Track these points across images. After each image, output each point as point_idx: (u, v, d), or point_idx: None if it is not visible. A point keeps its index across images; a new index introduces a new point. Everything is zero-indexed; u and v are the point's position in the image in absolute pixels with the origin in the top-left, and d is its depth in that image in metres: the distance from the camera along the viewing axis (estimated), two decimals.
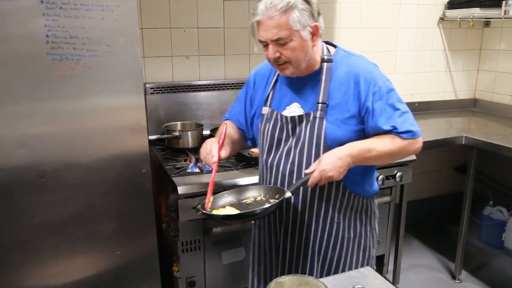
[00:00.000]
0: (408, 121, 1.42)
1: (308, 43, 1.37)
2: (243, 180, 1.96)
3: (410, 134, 1.41)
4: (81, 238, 1.71)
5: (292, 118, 1.47)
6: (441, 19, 3.18)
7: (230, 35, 2.60)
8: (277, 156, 1.51)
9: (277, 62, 1.40)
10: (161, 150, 2.35)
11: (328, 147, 1.41)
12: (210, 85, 2.57)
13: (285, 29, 1.32)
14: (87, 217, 1.70)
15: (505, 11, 2.75)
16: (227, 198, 1.50)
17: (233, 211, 1.42)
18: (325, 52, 1.46)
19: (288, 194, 1.38)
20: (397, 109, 1.42)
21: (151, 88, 2.44)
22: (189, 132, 2.32)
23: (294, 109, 1.48)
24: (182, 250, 1.97)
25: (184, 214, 1.88)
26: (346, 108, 1.42)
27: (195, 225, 1.96)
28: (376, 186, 1.62)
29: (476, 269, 3.01)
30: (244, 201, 1.50)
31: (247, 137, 1.71)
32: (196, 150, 2.31)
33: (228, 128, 1.61)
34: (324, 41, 1.50)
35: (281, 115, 1.49)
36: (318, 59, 1.45)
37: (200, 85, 2.55)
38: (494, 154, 2.51)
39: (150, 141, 2.41)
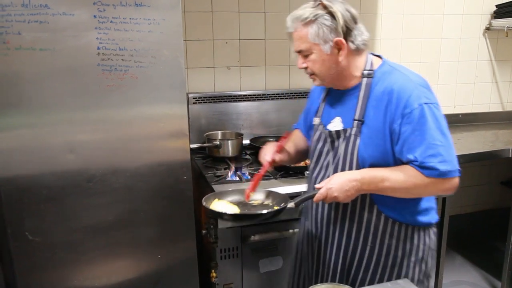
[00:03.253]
0: (438, 157, 1.27)
1: (330, 58, 1.36)
2: (281, 190, 1.97)
3: (434, 172, 1.28)
4: (124, 241, 1.78)
5: (331, 133, 1.46)
6: (487, 28, 3.09)
7: (271, 46, 2.64)
8: (317, 169, 1.52)
9: (306, 73, 1.44)
10: (202, 158, 2.40)
11: (359, 165, 1.39)
12: (250, 95, 2.62)
13: (305, 41, 1.36)
14: (130, 221, 1.77)
15: None
16: (235, 195, 1.57)
17: (232, 209, 1.47)
18: (368, 66, 1.41)
19: (291, 204, 1.41)
20: (427, 140, 1.28)
21: (193, 98, 2.51)
22: (229, 141, 2.37)
23: (336, 124, 1.46)
24: (221, 257, 2.01)
25: (223, 221, 1.91)
26: (378, 126, 1.36)
27: (234, 233, 1.99)
28: (427, 217, 1.47)
29: None
30: (251, 202, 1.54)
31: None
32: (236, 159, 2.36)
33: (295, 136, 1.69)
34: (374, 54, 1.46)
35: (325, 128, 1.49)
36: (357, 73, 1.41)
37: (240, 95, 2.61)
38: None
39: (192, 150, 2.48)
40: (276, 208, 1.44)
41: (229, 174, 2.13)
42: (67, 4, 1.49)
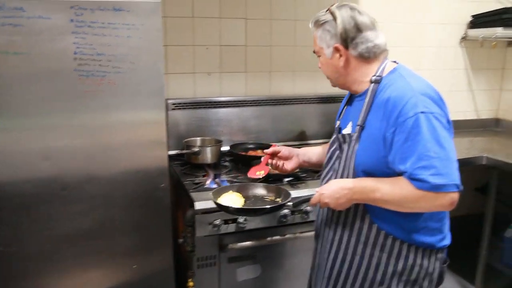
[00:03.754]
0: (430, 169, 1.20)
1: (332, 62, 1.43)
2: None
3: (425, 185, 1.21)
4: (99, 251, 1.75)
5: (338, 137, 1.48)
6: (463, 38, 3.16)
7: (252, 52, 2.64)
8: (326, 171, 1.54)
9: None
10: (181, 165, 2.37)
11: (355, 171, 1.39)
12: (230, 101, 2.60)
13: (315, 44, 1.48)
14: (105, 230, 1.74)
15: None
16: (251, 189, 1.69)
17: (237, 199, 1.61)
18: (379, 72, 1.40)
19: (289, 203, 1.52)
20: (419, 150, 1.22)
21: (173, 104, 2.48)
22: (208, 148, 2.34)
23: (348, 128, 1.46)
24: (198, 266, 1.98)
25: (201, 229, 1.89)
26: (374, 133, 1.34)
27: (211, 241, 1.96)
28: (429, 238, 1.39)
29: None
30: (256, 194, 1.68)
31: None
32: (215, 165, 2.34)
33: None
34: (394, 61, 1.46)
35: (340, 132, 1.51)
36: (366, 79, 1.41)
37: (220, 101, 2.59)
38: None
39: (170, 156, 2.44)
40: (272, 205, 1.53)
41: (208, 181, 2.10)
42: (43, 7, 1.46)
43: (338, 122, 1.56)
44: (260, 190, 1.71)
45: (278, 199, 1.65)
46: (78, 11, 1.47)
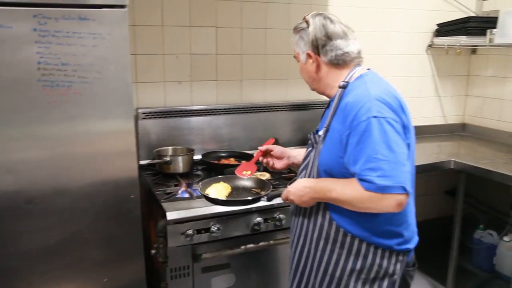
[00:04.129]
0: (377, 171, 1.25)
1: (307, 67, 1.53)
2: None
3: (372, 186, 1.26)
4: (68, 265, 1.69)
5: (310, 137, 1.56)
6: (430, 46, 3.24)
7: (222, 61, 2.63)
8: (300, 169, 1.62)
9: None
10: (152, 175, 2.34)
11: (318, 171, 1.47)
12: (202, 110, 2.59)
13: (294, 49, 1.57)
14: (74, 244, 1.69)
15: (490, 39, 2.81)
16: (243, 181, 1.85)
17: (224, 189, 1.79)
18: (348, 78, 1.46)
19: (264, 198, 1.69)
20: (368, 153, 1.27)
21: (143, 113, 2.45)
22: (180, 157, 2.32)
23: (321, 131, 1.52)
24: (171, 277, 1.95)
25: (173, 240, 1.87)
26: (335, 136, 1.41)
27: (184, 251, 1.94)
28: (388, 240, 1.42)
29: None
30: (244, 186, 1.84)
31: None
32: (187, 175, 2.31)
33: None
34: (367, 68, 1.52)
35: (315, 133, 1.57)
36: (335, 84, 1.48)
37: (192, 110, 2.57)
38: (483, 178, 2.53)
39: (141, 166, 2.42)
40: (249, 198, 1.72)
41: (180, 191, 2.08)
42: (5, 16, 1.41)
43: (319, 125, 1.62)
44: (246, 182, 1.86)
45: (262, 192, 1.77)
46: (41, 20, 1.44)
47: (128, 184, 1.72)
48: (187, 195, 2.04)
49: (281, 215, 2.02)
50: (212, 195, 1.73)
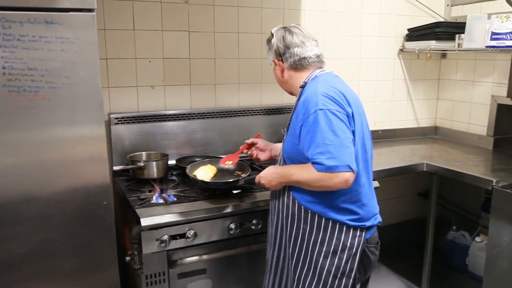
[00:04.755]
0: (326, 154, 1.48)
1: (275, 72, 1.82)
2: (208, 211, 1.94)
3: (322, 167, 1.49)
4: (39, 275, 1.65)
5: (282, 131, 1.82)
6: (401, 50, 3.31)
7: (196, 65, 2.62)
8: (277, 158, 1.87)
9: None
10: (126, 181, 2.31)
11: (284, 158, 1.74)
12: (176, 115, 2.57)
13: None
14: (46, 252, 1.64)
15: (458, 44, 2.88)
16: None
17: (209, 171, 2.14)
18: (306, 79, 1.72)
19: (242, 181, 2.04)
20: (317, 140, 1.50)
21: (115, 118, 2.41)
22: (154, 163, 2.29)
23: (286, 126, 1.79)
24: (147, 284, 1.92)
25: (148, 246, 1.84)
26: (293, 128, 1.65)
27: (160, 258, 1.91)
28: (342, 216, 1.63)
29: None
30: (227, 169, 2.19)
31: None
32: (161, 180, 2.29)
33: None
34: (329, 71, 1.77)
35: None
36: (298, 85, 1.74)
37: (165, 115, 2.55)
38: (454, 180, 2.59)
39: (115, 172, 2.38)
40: (229, 180, 2.06)
41: (154, 196, 2.06)
42: None
43: None
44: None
45: (243, 174, 2.11)
46: (5, 23, 1.39)
47: (100, 191, 1.68)
48: (161, 201, 2.02)
49: (256, 220, 2.02)
50: (199, 177, 2.06)
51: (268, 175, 1.75)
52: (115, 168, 2.42)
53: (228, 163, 2.15)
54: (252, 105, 2.82)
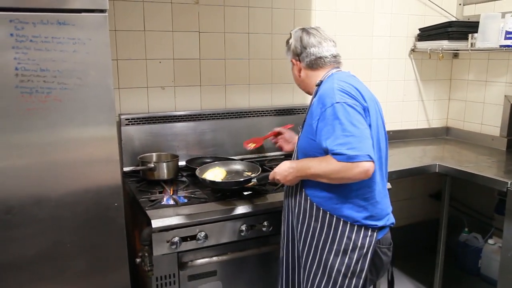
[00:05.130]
0: (346, 145, 1.49)
1: (294, 72, 1.87)
2: (218, 213, 1.93)
3: (343, 157, 1.49)
4: (49, 276, 1.65)
5: (298, 128, 1.85)
6: (412, 50, 3.28)
7: (206, 66, 2.62)
8: (293, 154, 1.88)
9: None
10: (136, 182, 2.31)
11: (299, 154, 1.76)
12: (186, 115, 2.56)
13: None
14: (56, 254, 1.64)
15: (471, 44, 2.85)
16: (237, 166, 2.23)
17: (220, 173, 2.12)
18: (323, 78, 1.76)
19: (254, 180, 1.98)
20: (336, 131, 1.52)
21: (126, 119, 2.41)
22: (164, 164, 2.29)
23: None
24: (157, 285, 1.92)
25: (159, 248, 1.84)
26: (310, 123, 1.67)
27: (170, 260, 1.91)
28: (353, 213, 1.64)
29: None
30: (237, 170, 2.19)
31: None
32: (172, 181, 2.29)
33: None
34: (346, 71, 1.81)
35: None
36: (314, 84, 1.78)
37: (176, 116, 2.54)
38: (467, 181, 2.55)
39: (125, 173, 2.38)
40: (241, 179, 2.02)
41: (165, 198, 2.05)
42: None
43: None
44: (239, 166, 2.24)
45: (252, 174, 2.09)
46: (18, 25, 1.39)
47: (111, 192, 1.68)
48: (172, 202, 2.01)
49: (266, 222, 2.01)
50: (209, 178, 2.04)
51: (283, 170, 1.74)
52: (125, 169, 2.42)
53: (251, 146, 2.24)
54: (262, 105, 2.80)
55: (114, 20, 2.33)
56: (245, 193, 2.10)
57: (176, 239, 1.84)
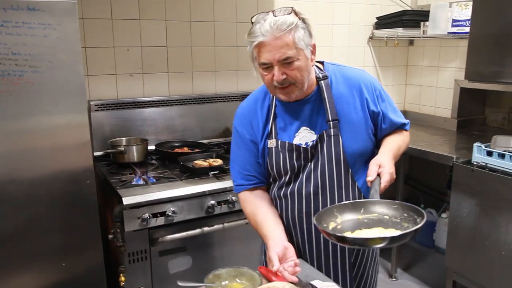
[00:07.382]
0: (402, 115, 1.57)
1: (309, 63, 1.37)
2: (187, 190, 2.04)
3: (407, 126, 1.58)
4: (25, 253, 1.73)
5: (306, 144, 1.44)
6: (371, 38, 3.45)
7: (173, 53, 2.70)
8: (297, 183, 1.46)
9: (283, 85, 1.34)
10: (107, 165, 2.38)
11: (348, 161, 1.42)
12: (154, 101, 2.65)
13: (293, 48, 1.30)
14: (31, 231, 1.72)
15: (423, 31, 3.04)
16: (348, 215, 1.29)
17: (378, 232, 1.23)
18: (317, 70, 1.45)
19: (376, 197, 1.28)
20: (393, 106, 1.54)
21: (95, 105, 2.48)
22: (134, 147, 2.38)
23: (304, 134, 1.45)
24: (129, 261, 2.01)
25: (130, 224, 1.93)
26: (358, 118, 1.43)
27: (141, 236, 2.01)
28: None
29: (410, 267, 3.24)
30: (367, 216, 1.29)
31: None
32: (141, 164, 2.37)
33: (260, 199, 1.53)
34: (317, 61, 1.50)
35: (294, 144, 1.44)
36: (314, 78, 1.44)
37: (144, 101, 2.63)
38: (422, 159, 2.74)
39: (96, 157, 2.45)
40: (402, 232, 1.19)
41: (135, 178, 2.14)
42: None
43: (273, 141, 1.47)
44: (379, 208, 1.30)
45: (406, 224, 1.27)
46: None
47: (83, 171, 1.77)
48: (142, 182, 2.11)
49: (234, 197, 2.13)
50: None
51: (391, 164, 1.36)
52: (96, 153, 2.47)
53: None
54: (229, 91, 2.91)
55: (81, 8, 2.38)
56: (212, 172, 2.20)
57: (147, 215, 1.94)
